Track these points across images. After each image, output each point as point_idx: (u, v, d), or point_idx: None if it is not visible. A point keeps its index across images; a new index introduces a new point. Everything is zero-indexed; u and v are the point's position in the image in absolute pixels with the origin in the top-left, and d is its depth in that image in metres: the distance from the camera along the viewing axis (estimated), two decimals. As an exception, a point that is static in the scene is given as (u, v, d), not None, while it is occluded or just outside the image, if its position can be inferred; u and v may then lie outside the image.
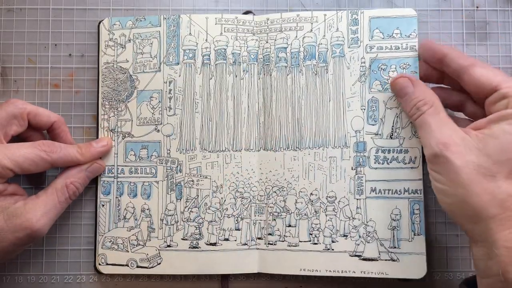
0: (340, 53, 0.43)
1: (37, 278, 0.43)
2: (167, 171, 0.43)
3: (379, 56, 0.43)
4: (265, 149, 0.43)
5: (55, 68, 0.45)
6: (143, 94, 0.44)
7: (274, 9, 0.45)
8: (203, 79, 0.44)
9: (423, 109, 0.37)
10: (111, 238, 0.42)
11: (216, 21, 0.44)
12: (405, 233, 0.41)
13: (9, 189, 0.39)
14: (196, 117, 0.44)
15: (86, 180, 0.41)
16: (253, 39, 0.44)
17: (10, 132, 0.39)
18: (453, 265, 0.43)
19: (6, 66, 0.45)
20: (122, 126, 0.43)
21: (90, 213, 0.43)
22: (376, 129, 0.42)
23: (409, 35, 0.42)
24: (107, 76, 0.43)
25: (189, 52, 0.44)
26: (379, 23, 0.43)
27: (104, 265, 0.42)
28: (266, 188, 0.43)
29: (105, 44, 0.44)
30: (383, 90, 0.42)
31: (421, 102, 0.37)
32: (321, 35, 0.43)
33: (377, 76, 0.43)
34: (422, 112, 0.37)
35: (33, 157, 0.38)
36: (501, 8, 0.45)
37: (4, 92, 0.45)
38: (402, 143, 0.42)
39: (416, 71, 0.42)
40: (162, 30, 0.44)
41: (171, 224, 0.43)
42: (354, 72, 0.43)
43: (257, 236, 0.43)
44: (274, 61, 0.43)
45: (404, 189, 0.42)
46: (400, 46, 0.42)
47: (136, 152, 0.43)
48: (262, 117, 0.43)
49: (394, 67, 0.42)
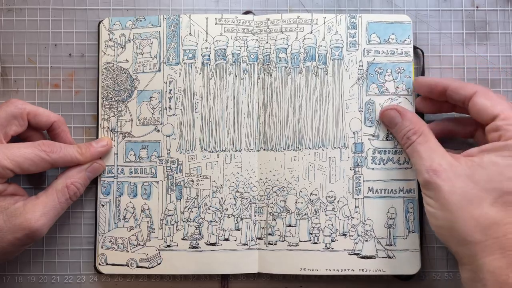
0: (339, 56, 0.44)
1: (37, 278, 0.43)
2: (167, 171, 0.43)
3: (376, 60, 0.44)
4: (265, 149, 0.43)
5: (55, 68, 0.45)
6: (143, 94, 0.44)
7: (274, 9, 0.45)
8: (203, 79, 0.44)
9: (413, 139, 0.38)
10: (111, 238, 0.43)
11: (216, 21, 0.44)
12: (400, 231, 0.42)
13: (9, 189, 0.39)
14: (196, 117, 0.44)
15: (86, 180, 0.41)
16: (253, 39, 0.44)
17: (10, 132, 0.39)
18: (453, 265, 0.43)
19: (6, 66, 0.45)
20: (122, 126, 0.43)
21: (90, 213, 0.43)
22: (373, 131, 0.43)
23: (404, 41, 0.43)
24: (107, 76, 0.43)
25: (189, 52, 0.44)
26: (376, 28, 0.44)
27: (104, 265, 0.42)
28: (266, 188, 0.43)
29: (105, 44, 0.44)
30: (379, 93, 0.43)
31: (411, 131, 0.39)
32: (320, 37, 0.44)
33: (374, 80, 0.43)
34: (412, 141, 0.39)
35: (33, 157, 0.38)
36: (501, 8, 0.45)
37: (4, 92, 0.45)
38: (397, 144, 0.43)
39: (409, 75, 0.43)
40: (162, 30, 0.44)
41: (171, 224, 0.43)
42: (352, 75, 0.43)
43: (257, 236, 0.43)
44: (274, 62, 0.43)
45: (399, 188, 0.43)
46: (396, 51, 0.43)
47: (136, 152, 0.43)
48: (262, 117, 0.43)
49: (390, 71, 0.43)
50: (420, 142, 0.38)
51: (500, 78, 0.45)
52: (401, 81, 0.43)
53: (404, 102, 0.43)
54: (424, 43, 0.45)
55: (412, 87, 0.43)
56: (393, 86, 0.43)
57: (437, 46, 0.45)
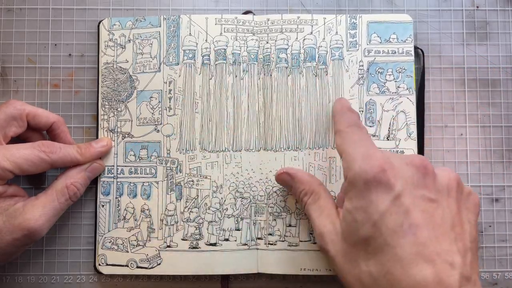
0: (339, 56, 0.43)
1: (37, 278, 0.43)
2: (167, 171, 0.43)
3: (377, 60, 0.43)
4: (265, 149, 0.43)
5: (55, 68, 0.45)
6: (143, 94, 0.44)
7: (274, 9, 0.45)
8: (203, 79, 0.44)
9: (304, 200, 0.37)
10: (111, 238, 0.42)
11: (216, 21, 0.44)
12: None
13: (9, 190, 0.39)
14: (196, 117, 0.43)
15: (86, 181, 0.41)
16: (253, 39, 0.44)
17: (9, 134, 0.39)
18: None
19: (6, 66, 0.45)
20: (122, 126, 0.43)
21: (90, 213, 0.43)
22: (374, 131, 0.43)
23: (405, 40, 0.43)
24: (107, 76, 0.43)
25: (189, 52, 0.44)
26: (376, 28, 0.44)
27: (104, 266, 0.42)
28: (266, 188, 0.43)
29: (105, 44, 0.44)
30: (380, 93, 0.43)
31: (302, 193, 0.38)
32: (321, 38, 0.44)
33: (375, 79, 0.43)
34: (305, 202, 0.37)
35: (32, 158, 0.38)
36: (501, 8, 0.45)
37: (4, 92, 0.44)
38: (398, 144, 0.43)
39: (411, 75, 0.43)
40: (162, 31, 0.44)
41: (171, 224, 0.43)
42: (353, 75, 0.43)
43: (257, 236, 0.43)
44: (274, 62, 0.43)
45: None
46: (397, 50, 0.43)
47: (136, 152, 0.43)
48: (262, 117, 0.43)
49: (390, 71, 0.43)
50: (310, 203, 0.37)
51: (500, 78, 0.45)
52: (402, 81, 0.43)
53: (405, 102, 0.43)
54: (424, 43, 0.45)
55: (414, 86, 0.43)
56: (394, 86, 0.43)
57: (437, 46, 0.45)
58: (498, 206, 0.44)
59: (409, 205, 0.30)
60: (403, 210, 0.30)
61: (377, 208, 0.30)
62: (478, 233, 0.33)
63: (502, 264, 0.43)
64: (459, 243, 0.30)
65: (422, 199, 0.31)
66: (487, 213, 0.44)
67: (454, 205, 0.32)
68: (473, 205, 0.33)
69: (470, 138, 0.44)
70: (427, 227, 0.30)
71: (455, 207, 0.32)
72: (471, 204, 0.33)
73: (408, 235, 0.29)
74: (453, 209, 0.31)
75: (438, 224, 0.30)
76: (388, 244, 0.30)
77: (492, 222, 0.44)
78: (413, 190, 0.31)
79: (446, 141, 0.44)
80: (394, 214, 0.30)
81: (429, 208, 0.31)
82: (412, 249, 0.29)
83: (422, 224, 0.30)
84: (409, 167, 0.32)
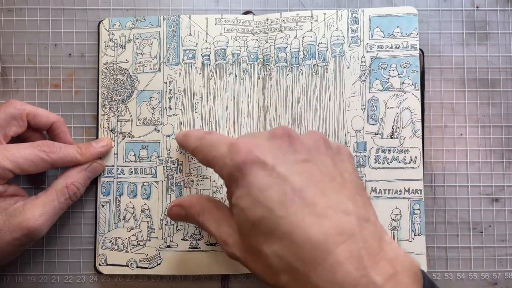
0: (340, 53, 0.43)
1: (37, 278, 0.43)
2: (167, 171, 0.43)
3: (380, 55, 0.43)
4: (265, 149, 0.43)
5: (55, 68, 0.45)
6: (143, 94, 0.44)
7: (274, 9, 0.45)
8: (203, 79, 0.44)
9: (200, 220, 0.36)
10: (111, 238, 0.42)
11: (216, 21, 0.44)
12: (405, 233, 0.41)
13: (9, 190, 0.39)
14: (196, 117, 0.43)
15: (86, 181, 0.41)
16: (253, 39, 0.44)
17: (9, 133, 0.39)
18: (453, 265, 0.43)
19: (6, 66, 0.45)
20: (122, 126, 0.43)
21: (90, 213, 0.43)
22: (377, 129, 0.42)
23: (410, 34, 0.42)
24: (107, 76, 0.43)
25: (189, 52, 0.44)
26: (379, 22, 0.43)
27: (104, 266, 0.42)
28: (266, 188, 0.43)
29: (105, 44, 0.44)
30: (383, 89, 0.43)
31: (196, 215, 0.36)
32: (321, 34, 0.43)
33: (378, 76, 0.43)
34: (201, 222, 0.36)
35: (32, 157, 0.38)
36: (501, 8, 0.45)
37: (4, 92, 0.45)
38: (403, 142, 0.42)
39: (416, 70, 0.42)
40: (162, 31, 0.44)
41: (171, 224, 0.43)
42: (354, 72, 0.43)
43: (257, 236, 0.42)
44: (274, 61, 0.43)
45: (405, 189, 0.42)
46: (401, 44, 0.42)
47: (136, 152, 0.43)
48: (262, 117, 0.43)
49: (394, 66, 0.42)
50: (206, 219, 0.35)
51: (500, 78, 0.45)
52: (407, 76, 0.42)
53: (410, 98, 0.42)
54: (424, 43, 0.45)
55: (419, 81, 0.42)
56: (399, 82, 0.42)
57: (437, 46, 0.45)
58: (498, 206, 0.44)
59: (285, 172, 0.30)
60: (281, 179, 0.30)
61: (258, 186, 0.30)
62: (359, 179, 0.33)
63: (502, 264, 0.43)
64: (344, 191, 0.30)
65: (296, 163, 0.31)
66: (487, 213, 0.44)
67: (328, 160, 0.32)
68: (346, 156, 0.33)
69: (470, 138, 0.44)
70: (309, 186, 0.30)
71: (330, 161, 0.32)
72: (343, 155, 0.33)
73: (295, 200, 0.29)
74: (328, 164, 0.31)
75: (319, 180, 0.30)
76: (280, 217, 0.29)
77: (492, 222, 0.44)
78: (284, 158, 0.31)
79: (446, 141, 0.44)
80: (275, 186, 0.30)
81: (306, 169, 0.31)
82: (304, 211, 0.29)
83: (304, 185, 0.29)
84: (273, 139, 0.32)
